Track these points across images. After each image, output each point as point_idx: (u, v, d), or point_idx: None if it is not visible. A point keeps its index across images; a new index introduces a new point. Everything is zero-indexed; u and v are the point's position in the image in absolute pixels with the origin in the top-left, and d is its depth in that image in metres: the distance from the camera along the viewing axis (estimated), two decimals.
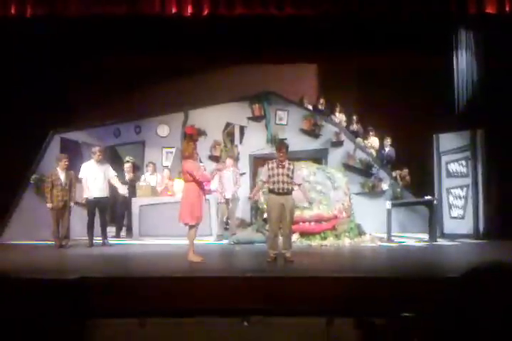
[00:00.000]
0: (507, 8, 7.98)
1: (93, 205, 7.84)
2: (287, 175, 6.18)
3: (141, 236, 8.68)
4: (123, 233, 9.26)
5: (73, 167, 8.05)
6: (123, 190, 8.25)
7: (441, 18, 8.81)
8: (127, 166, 9.13)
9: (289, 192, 6.19)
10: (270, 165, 6.31)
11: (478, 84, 9.44)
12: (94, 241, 7.81)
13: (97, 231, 7.88)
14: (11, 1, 7.76)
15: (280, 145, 6.57)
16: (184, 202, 6.17)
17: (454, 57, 9.80)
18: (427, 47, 9.60)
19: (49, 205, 7.76)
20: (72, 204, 7.89)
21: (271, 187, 6.23)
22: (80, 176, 7.86)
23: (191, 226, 6.20)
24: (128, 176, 9.18)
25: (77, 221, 8.01)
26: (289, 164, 6.30)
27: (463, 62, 9.69)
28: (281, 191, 6.17)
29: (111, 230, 8.70)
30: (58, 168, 7.86)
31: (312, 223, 8.19)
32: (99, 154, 7.91)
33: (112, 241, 8.21)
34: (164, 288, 4.54)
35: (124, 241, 8.61)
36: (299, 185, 6.41)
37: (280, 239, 6.35)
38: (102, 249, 7.62)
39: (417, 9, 8.18)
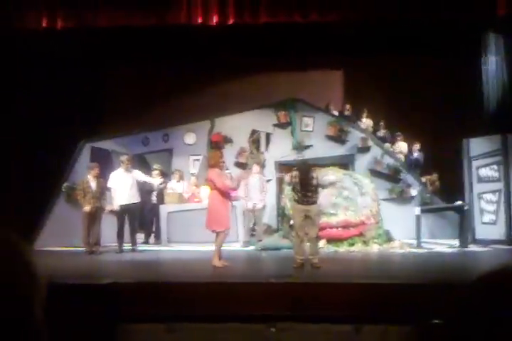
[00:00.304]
0: None
1: (122, 212, 8.00)
2: (310, 185, 6.26)
3: (169, 242, 8.78)
4: (151, 239, 9.37)
5: (104, 175, 8.22)
6: (155, 181, 8.40)
7: (469, 21, 8.70)
8: (155, 173, 9.27)
9: (313, 202, 6.24)
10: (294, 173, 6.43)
11: (508, 87, 9.25)
12: (123, 248, 7.94)
13: (126, 238, 8.01)
14: (42, 14, 8.05)
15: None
16: (210, 209, 6.28)
17: (483, 61, 9.64)
18: (455, 51, 9.49)
19: (86, 208, 7.85)
20: (105, 211, 8.05)
21: (295, 197, 6.32)
22: (108, 185, 8.02)
23: (219, 233, 6.26)
24: (155, 183, 9.31)
25: (107, 228, 8.14)
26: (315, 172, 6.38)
27: (492, 66, 9.52)
28: (303, 199, 6.25)
29: (140, 237, 8.85)
30: (89, 176, 8.05)
31: (339, 229, 8.14)
32: (128, 162, 8.08)
33: (141, 247, 8.34)
34: (192, 293, 4.57)
35: (153, 248, 8.71)
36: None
37: (307, 244, 6.34)
38: (132, 255, 7.74)
39: (445, 13, 8.11)
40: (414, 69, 10.40)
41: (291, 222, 8.39)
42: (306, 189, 6.22)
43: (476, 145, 9.19)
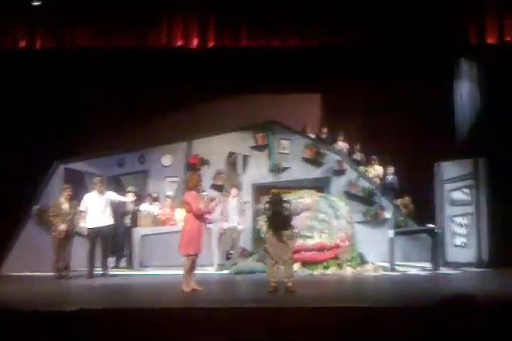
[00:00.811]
0: (507, 38, 8.19)
1: (95, 235, 7.86)
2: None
3: (142, 266, 8.64)
4: (122, 263, 9.21)
5: (77, 197, 8.11)
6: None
7: (442, 49, 9.03)
8: (128, 195, 9.17)
9: (284, 227, 6.28)
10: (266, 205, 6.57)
11: (479, 113, 9.55)
12: (94, 272, 7.78)
13: (97, 262, 7.85)
14: (21, 34, 8.04)
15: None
16: (184, 232, 6.23)
17: (455, 87, 9.96)
18: (429, 77, 9.76)
19: (57, 231, 7.67)
20: (75, 234, 7.90)
21: (271, 221, 6.39)
22: (80, 208, 7.90)
23: (189, 257, 6.20)
24: (128, 206, 9.20)
25: (78, 251, 7.96)
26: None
27: (463, 92, 9.84)
28: (275, 225, 6.30)
29: (111, 261, 8.66)
30: (62, 198, 7.92)
31: (314, 252, 8.15)
32: (100, 184, 7.98)
33: (112, 271, 8.17)
34: (163, 319, 4.50)
35: (125, 272, 8.54)
36: None
37: (281, 268, 6.34)
38: (103, 279, 7.59)
39: (418, 41, 8.41)
40: (390, 94, 10.67)
41: (266, 245, 8.42)
42: (278, 219, 6.29)
43: (449, 169, 9.40)
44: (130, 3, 8.03)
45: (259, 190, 10.19)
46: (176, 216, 9.24)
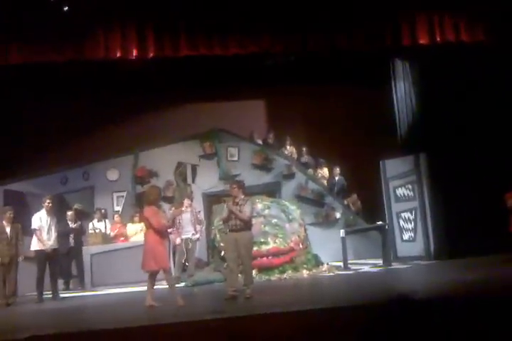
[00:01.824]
0: (438, 39, 8.62)
1: (44, 258, 7.53)
2: (238, 211, 6.24)
3: (93, 286, 8.37)
4: (71, 285, 8.91)
5: (19, 219, 7.76)
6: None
7: (378, 51, 9.36)
8: (69, 214, 8.88)
9: (242, 229, 6.22)
10: (227, 204, 6.41)
11: (417, 111, 9.95)
12: (43, 296, 7.47)
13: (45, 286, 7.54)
14: None
15: (231, 183, 6.64)
16: (146, 248, 6.02)
17: (393, 87, 10.32)
18: (368, 78, 10.08)
19: (1, 257, 7.35)
20: (20, 258, 7.56)
21: (227, 225, 6.31)
22: (33, 227, 7.55)
23: (152, 273, 6.07)
24: (71, 224, 8.89)
25: (25, 276, 7.62)
26: (242, 200, 6.36)
27: (401, 91, 10.23)
28: (233, 228, 6.23)
29: (59, 283, 8.32)
30: (4, 221, 7.55)
31: (270, 257, 8.20)
32: (50, 203, 7.67)
33: (62, 294, 7.88)
34: (121, 338, 4.39)
35: (76, 294, 8.25)
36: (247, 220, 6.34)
37: (240, 276, 6.32)
38: (53, 303, 7.29)
39: (355, 44, 8.69)
40: (332, 97, 10.94)
41: (222, 253, 8.38)
42: (234, 216, 6.24)
43: (392, 167, 9.73)
44: (64, 16, 7.80)
45: (211, 199, 10.16)
46: (127, 232, 9.05)
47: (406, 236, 9.32)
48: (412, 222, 9.22)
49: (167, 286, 6.19)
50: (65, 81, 9.72)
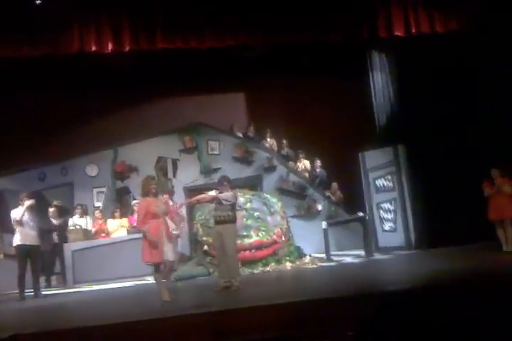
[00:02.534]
0: (413, 30, 8.70)
1: (24, 254, 7.40)
2: (220, 204, 6.32)
3: (75, 283, 8.29)
4: (53, 282, 8.80)
5: None
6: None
7: (355, 43, 9.40)
8: (51, 211, 8.76)
9: (226, 221, 6.26)
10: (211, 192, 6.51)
11: (395, 102, 10.04)
12: (25, 294, 7.35)
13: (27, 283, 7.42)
14: None
15: (220, 180, 6.65)
16: (144, 240, 5.86)
17: (371, 79, 10.39)
18: (346, 71, 10.12)
19: None
20: (0, 256, 7.43)
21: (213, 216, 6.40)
22: (12, 221, 7.41)
23: (156, 266, 5.88)
24: (54, 221, 8.78)
25: (5, 273, 7.50)
26: (227, 193, 6.40)
27: (379, 83, 10.30)
28: (218, 219, 6.32)
29: (41, 280, 8.22)
30: None
31: (253, 250, 8.22)
32: (28, 200, 7.53)
33: (44, 291, 7.76)
34: (105, 336, 4.35)
35: (58, 291, 8.16)
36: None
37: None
38: (35, 301, 7.17)
39: (332, 36, 8.72)
40: (311, 89, 10.96)
41: (205, 247, 8.38)
42: (219, 209, 6.30)
43: (371, 158, 9.82)
44: (37, 10, 7.62)
45: (192, 193, 10.10)
46: (108, 227, 8.97)
47: (387, 227, 9.45)
48: (392, 213, 9.35)
49: (147, 281, 6.09)
50: (42, 75, 9.52)
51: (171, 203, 8.70)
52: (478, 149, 8.72)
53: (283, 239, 8.55)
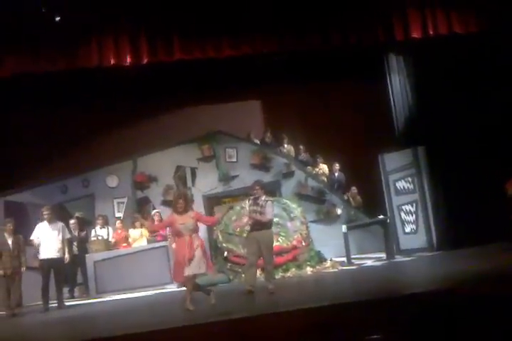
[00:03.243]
0: (431, 32, 8.64)
1: (48, 267, 7.53)
2: (259, 212, 6.38)
3: (98, 293, 8.40)
4: (76, 293, 8.93)
5: (21, 230, 7.78)
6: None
7: (372, 47, 9.38)
8: (72, 222, 8.91)
9: (262, 228, 6.37)
10: (248, 202, 6.58)
11: (414, 104, 9.96)
12: (49, 305, 7.46)
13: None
14: None
15: (253, 184, 6.75)
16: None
17: (389, 82, 10.33)
18: (363, 74, 10.11)
19: (3, 269, 7.38)
20: (23, 269, 7.57)
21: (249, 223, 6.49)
22: (32, 237, 7.57)
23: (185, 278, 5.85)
24: (76, 233, 8.92)
25: (28, 286, 7.62)
26: (263, 201, 6.48)
27: (397, 86, 10.22)
28: (255, 227, 6.40)
29: (64, 291, 8.33)
30: (5, 234, 7.56)
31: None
32: (49, 213, 7.67)
33: (67, 302, 7.87)
34: None
35: (81, 301, 8.26)
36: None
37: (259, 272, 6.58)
38: (59, 312, 7.28)
39: (349, 41, 8.72)
40: (328, 94, 10.96)
41: (225, 253, 8.41)
42: (254, 216, 6.39)
43: (391, 161, 9.74)
44: (56, 26, 7.80)
45: (211, 200, 10.17)
46: (130, 237, 9.06)
47: (408, 229, 9.33)
48: (414, 215, 9.24)
49: (168, 289, 6.12)
50: (62, 89, 9.73)
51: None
52: (499, 150, 8.59)
53: (303, 244, 8.49)
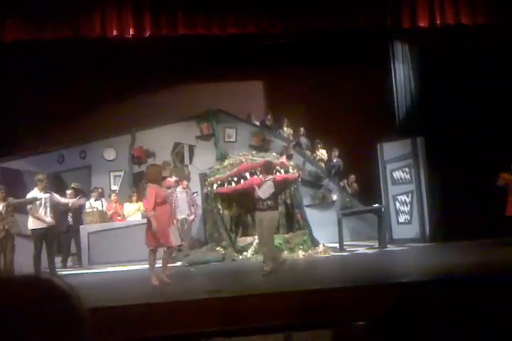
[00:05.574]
0: (438, 22, 8.53)
1: (39, 236, 7.52)
2: (259, 187, 6.56)
3: (90, 264, 8.44)
4: (69, 262, 8.97)
5: (16, 196, 7.72)
6: (71, 201, 8.09)
7: (378, 33, 9.26)
8: (69, 192, 8.87)
9: (265, 209, 6.45)
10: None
11: (416, 94, 9.90)
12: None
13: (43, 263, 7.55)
14: None
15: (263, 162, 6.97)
16: (147, 225, 6.17)
17: (392, 70, 10.25)
18: (368, 60, 10.00)
19: None
20: (16, 235, 7.56)
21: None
22: (28, 206, 7.55)
23: (151, 250, 6.17)
24: (70, 203, 8.89)
25: (21, 253, 7.64)
26: (266, 181, 6.61)
27: (400, 74, 10.16)
28: (258, 207, 6.52)
29: (56, 260, 8.36)
30: None
31: None
32: (44, 180, 7.62)
33: (60, 272, 7.88)
34: (120, 317, 4.43)
35: (74, 271, 8.30)
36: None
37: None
38: None
39: (355, 25, 8.60)
40: (331, 78, 10.85)
41: (215, 187, 8.69)
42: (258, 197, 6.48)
43: (389, 150, 9.72)
44: None
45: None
46: (124, 210, 9.07)
47: (402, 219, 9.39)
48: (408, 205, 9.28)
49: (159, 265, 6.26)
50: (62, 59, 9.60)
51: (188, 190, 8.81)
52: (497, 143, 8.58)
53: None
